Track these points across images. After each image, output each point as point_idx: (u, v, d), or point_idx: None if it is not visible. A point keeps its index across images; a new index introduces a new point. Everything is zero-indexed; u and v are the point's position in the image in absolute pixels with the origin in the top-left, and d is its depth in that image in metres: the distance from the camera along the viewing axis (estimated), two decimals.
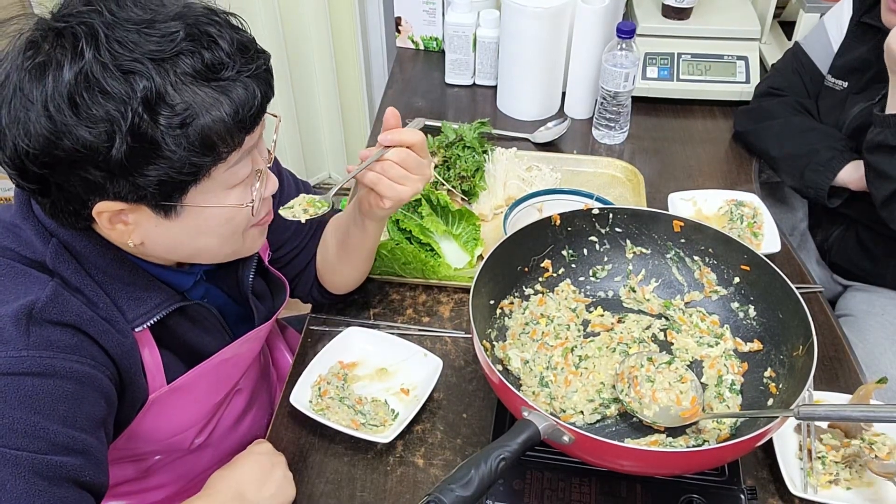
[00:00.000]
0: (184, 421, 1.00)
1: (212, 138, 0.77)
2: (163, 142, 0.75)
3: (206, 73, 0.76)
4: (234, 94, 0.77)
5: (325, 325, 1.24)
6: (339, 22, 2.26)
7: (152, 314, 0.89)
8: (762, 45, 1.79)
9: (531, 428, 0.85)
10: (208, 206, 0.83)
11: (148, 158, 0.75)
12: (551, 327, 1.12)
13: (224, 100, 0.77)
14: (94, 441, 0.80)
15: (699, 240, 1.13)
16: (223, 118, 0.77)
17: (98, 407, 0.82)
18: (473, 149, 1.50)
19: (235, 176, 0.84)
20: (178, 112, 0.74)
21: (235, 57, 0.78)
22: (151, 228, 0.83)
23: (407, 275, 1.29)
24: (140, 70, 0.73)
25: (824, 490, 1.00)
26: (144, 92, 0.73)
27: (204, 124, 0.76)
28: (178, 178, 0.78)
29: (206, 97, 0.76)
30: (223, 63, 0.77)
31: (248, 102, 0.79)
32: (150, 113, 0.74)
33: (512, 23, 1.60)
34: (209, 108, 0.76)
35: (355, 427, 1.06)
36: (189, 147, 0.76)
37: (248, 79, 0.79)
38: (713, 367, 1.08)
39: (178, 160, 0.76)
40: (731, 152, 1.64)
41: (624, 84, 1.55)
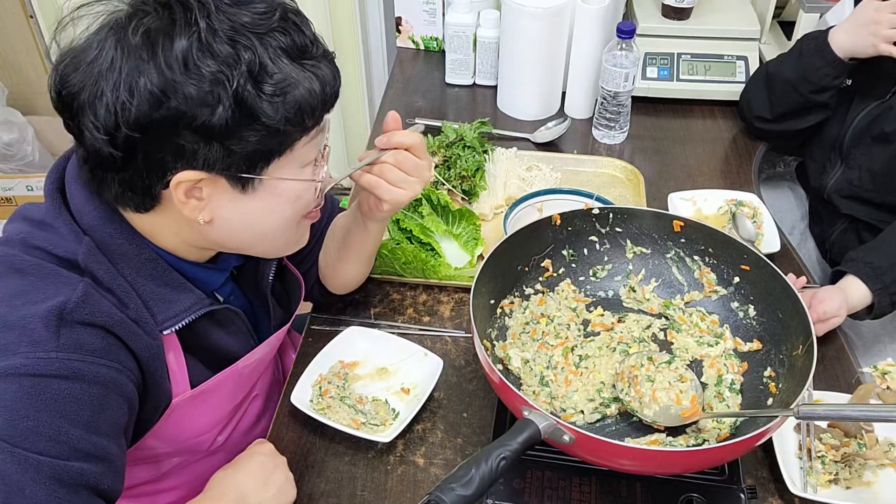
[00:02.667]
0: (204, 424, 1.00)
1: (304, 110, 0.81)
2: (261, 109, 0.78)
3: (296, 51, 0.81)
4: (321, 72, 0.83)
5: (325, 325, 1.24)
6: (340, 22, 2.26)
7: (182, 317, 0.89)
8: (762, 45, 1.79)
9: (531, 427, 0.85)
10: (285, 178, 0.86)
11: (246, 124, 0.79)
12: (551, 327, 1.13)
13: (312, 77, 0.82)
14: (114, 447, 0.80)
15: (699, 240, 1.13)
16: (315, 92, 0.82)
17: (121, 412, 0.82)
18: (474, 148, 1.51)
19: (308, 155, 0.87)
20: (277, 81, 0.79)
21: (316, 43, 0.84)
22: (224, 204, 0.84)
23: (407, 274, 1.30)
24: (244, 41, 0.77)
25: (824, 489, 1.01)
26: (249, 59, 0.77)
27: (298, 95, 0.80)
28: (268, 147, 0.82)
29: (298, 72, 0.80)
30: (307, 45, 0.82)
31: (332, 82, 0.84)
32: (254, 80, 0.78)
33: (512, 23, 1.61)
34: (301, 82, 0.81)
35: (356, 426, 1.06)
36: (284, 115, 0.80)
37: (327, 63, 0.85)
38: (713, 366, 1.08)
39: (272, 128, 0.80)
40: (731, 152, 1.65)
41: (624, 84, 1.55)
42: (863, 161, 1.42)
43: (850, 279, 1.22)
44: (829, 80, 1.43)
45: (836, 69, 1.42)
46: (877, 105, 1.40)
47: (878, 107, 1.40)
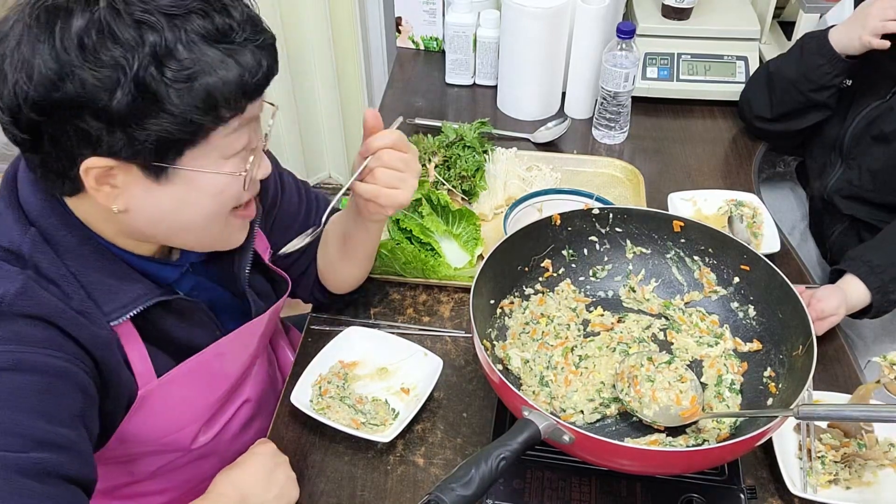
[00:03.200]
0: (178, 419, 0.99)
1: (215, 98, 0.77)
2: (166, 95, 0.75)
3: (216, 35, 0.77)
4: (242, 58, 0.78)
5: (325, 325, 1.24)
6: (340, 22, 2.27)
7: (130, 308, 0.87)
8: (762, 46, 1.79)
9: (531, 427, 0.85)
10: (202, 170, 0.82)
11: (149, 111, 0.75)
12: (551, 327, 1.13)
13: (231, 62, 0.78)
14: (74, 435, 0.79)
15: (699, 240, 1.13)
16: (229, 79, 0.78)
17: (75, 400, 0.81)
18: (474, 149, 1.51)
19: (232, 146, 0.83)
20: (185, 67, 0.75)
21: (245, 25, 0.79)
22: (139, 194, 0.82)
23: (407, 274, 1.30)
24: (152, 22, 0.74)
25: (824, 490, 1.01)
26: (154, 43, 0.74)
27: (209, 83, 0.76)
28: (177, 136, 0.78)
29: (214, 57, 0.77)
30: (232, 28, 0.78)
31: (254, 69, 0.80)
32: (157, 65, 0.74)
33: (512, 23, 1.61)
34: (216, 68, 0.77)
35: (356, 426, 1.06)
36: (191, 103, 0.76)
37: (256, 48, 0.80)
38: (713, 366, 1.08)
39: (179, 116, 0.76)
40: (730, 152, 1.65)
41: (624, 84, 1.55)
42: (863, 161, 1.42)
43: (848, 278, 1.22)
44: (830, 78, 1.43)
45: (836, 67, 1.42)
46: (877, 105, 1.40)
47: (879, 107, 1.40)
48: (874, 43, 1.33)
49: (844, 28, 1.40)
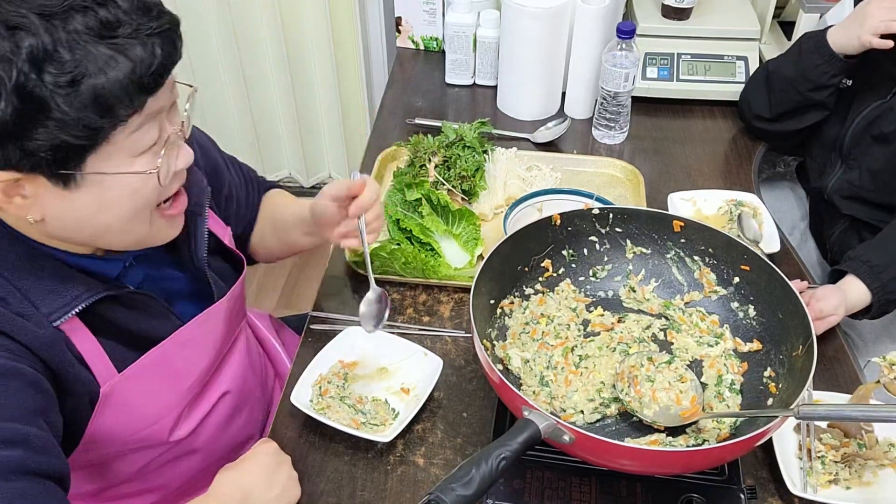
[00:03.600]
0: (150, 411, 0.98)
1: (107, 99, 0.73)
2: (52, 102, 0.71)
3: (100, 30, 0.73)
4: (132, 52, 0.74)
5: (325, 325, 1.24)
6: (340, 22, 2.27)
7: (70, 307, 0.86)
8: (762, 46, 1.79)
9: (532, 427, 0.85)
10: (110, 172, 0.79)
11: (37, 120, 0.72)
12: (551, 327, 1.13)
13: (120, 58, 0.73)
14: (32, 430, 0.78)
15: (699, 240, 1.13)
16: (119, 78, 0.73)
17: (27, 396, 0.80)
18: (473, 149, 1.51)
19: (139, 143, 0.80)
20: (68, 70, 0.71)
21: (134, 15, 0.75)
22: (51, 202, 0.80)
23: (407, 274, 1.30)
24: (26, 25, 0.70)
25: (824, 489, 1.01)
26: (30, 49, 0.70)
27: (97, 83, 0.72)
28: (74, 143, 0.74)
29: (100, 55, 0.72)
30: (119, 21, 0.74)
31: (147, 61, 0.75)
32: (37, 71, 0.70)
33: (512, 23, 1.61)
34: (103, 67, 0.72)
35: (356, 426, 1.06)
36: (81, 107, 0.72)
37: (149, 38, 0.75)
38: (713, 366, 1.08)
39: (70, 122, 0.73)
40: (730, 152, 1.65)
41: (624, 84, 1.55)
42: (863, 161, 1.42)
43: (849, 278, 1.22)
44: (828, 78, 1.43)
45: (834, 67, 1.42)
46: (877, 105, 1.40)
47: (879, 107, 1.40)
48: (874, 42, 1.33)
49: (843, 28, 1.40)
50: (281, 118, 2.48)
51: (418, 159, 1.48)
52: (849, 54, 1.40)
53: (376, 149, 1.59)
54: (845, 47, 1.39)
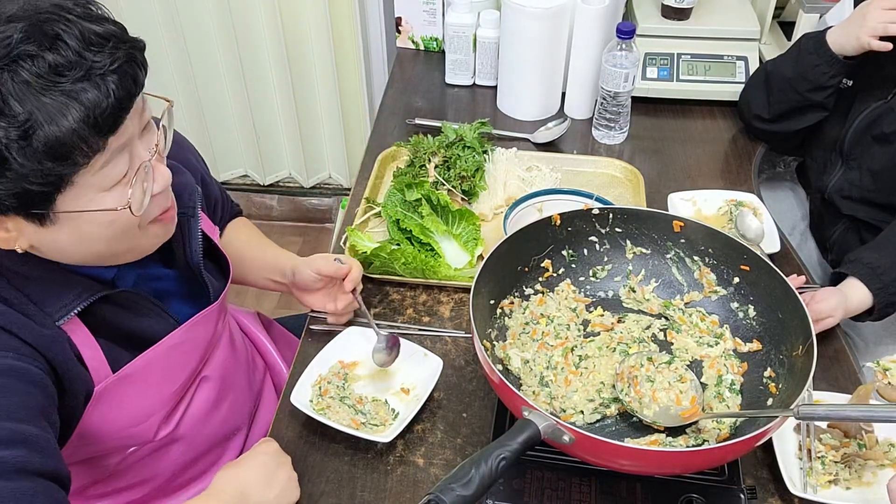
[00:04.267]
0: (140, 410, 0.98)
1: (63, 147, 0.73)
2: (7, 154, 0.71)
3: (49, 76, 0.71)
4: (84, 96, 0.73)
5: (325, 325, 1.24)
6: (340, 22, 2.26)
7: (71, 307, 0.87)
8: (762, 46, 1.79)
9: (531, 427, 0.85)
10: (82, 209, 0.79)
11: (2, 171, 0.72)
12: (551, 327, 1.12)
13: (72, 104, 0.72)
14: (34, 430, 0.78)
15: (699, 240, 1.13)
16: (72, 126, 0.72)
17: (31, 397, 0.80)
18: (473, 149, 1.51)
19: (107, 178, 0.79)
20: (19, 123, 0.70)
21: (86, 53, 0.73)
22: (34, 236, 0.81)
23: (407, 275, 1.30)
24: None
25: (824, 490, 1.01)
26: None
27: (50, 133, 0.71)
28: (37, 190, 0.74)
29: (51, 104, 0.71)
30: (70, 63, 0.72)
31: (101, 104, 0.73)
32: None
33: (512, 23, 1.61)
34: (55, 116, 0.71)
35: (355, 426, 1.06)
36: (38, 158, 0.72)
37: (103, 77, 0.74)
38: (713, 366, 1.08)
39: (28, 172, 0.72)
40: (730, 152, 1.65)
41: (624, 84, 1.55)
42: (863, 161, 1.42)
43: (850, 281, 1.22)
44: (826, 78, 1.43)
45: (833, 67, 1.42)
46: (878, 105, 1.40)
47: (879, 107, 1.40)
48: (873, 44, 1.33)
49: (842, 28, 1.40)
50: (281, 118, 2.48)
51: (418, 159, 1.48)
52: (848, 55, 1.40)
53: (376, 149, 1.59)
54: (844, 48, 1.39)
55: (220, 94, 2.41)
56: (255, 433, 1.21)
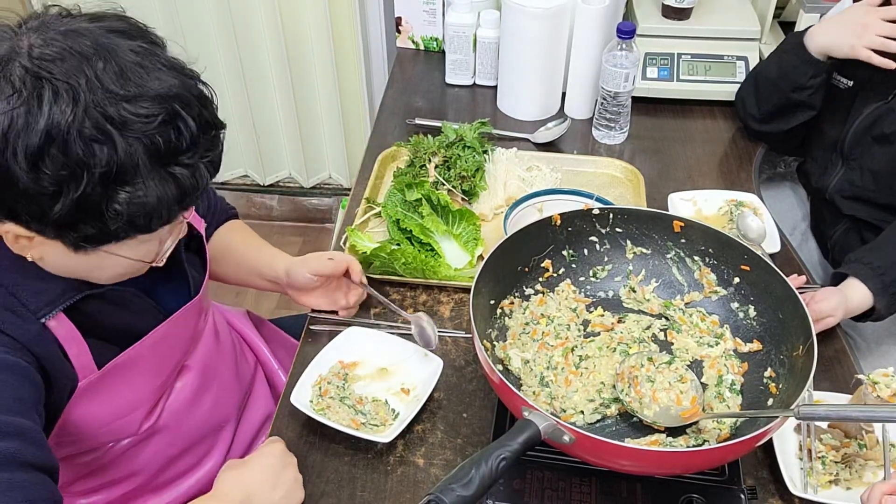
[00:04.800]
0: (124, 404, 0.99)
1: (150, 216, 0.80)
2: (106, 212, 0.77)
3: (166, 155, 0.78)
4: (185, 180, 0.81)
5: (325, 325, 1.24)
6: (340, 22, 2.26)
7: (55, 304, 0.88)
8: (762, 46, 1.79)
9: (532, 428, 0.85)
10: (117, 254, 0.85)
11: (86, 220, 0.78)
12: (552, 327, 1.12)
13: (173, 184, 0.80)
14: (27, 423, 0.80)
15: (699, 240, 1.13)
16: (168, 202, 0.80)
17: (24, 390, 0.82)
18: (474, 149, 1.51)
19: (153, 235, 0.86)
20: (130, 191, 0.77)
21: (198, 140, 0.81)
22: (54, 254, 0.84)
23: (407, 275, 1.29)
24: (107, 142, 0.75)
25: (824, 490, 1.01)
26: (107, 162, 0.75)
27: (149, 203, 0.79)
28: (106, 238, 0.81)
29: (160, 178, 0.79)
30: (184, 149, 0.80)
31: (194, 188, 0.82)
32: (104, 185, 0.76)
33: (512, 23, 1.61)
34: (158, 190, 0.79)
35: (356, 427, 1.06)
36: (128, 220, 0.79)
37: (202, 163, 0.82)
38: (713, 367, 1.08)
39: (113, 227, 0.79)
40: (731, 152, 1.65)
41: (624, 84, 1.55)
42: (864, 162, 1.42)
43: (850, 281, 1.22)
44: (806, 78, 1.43)
45: (812, 68, 1.42)
46: (878, 106, 1.40)
47: (880, 108, 1.39)
48: (874, 60, 1.32)
49: (832, 30, 1.39)
50: (281, 118, 2.48)
51: (418, 159, 1.48)
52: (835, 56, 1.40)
53: (376, 149, 1.59)
54: (833, 50, 1.39)
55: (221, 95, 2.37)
56: (244, 426, 1.21)
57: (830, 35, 1.39)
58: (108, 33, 0.79)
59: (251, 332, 1.33)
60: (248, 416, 1.22)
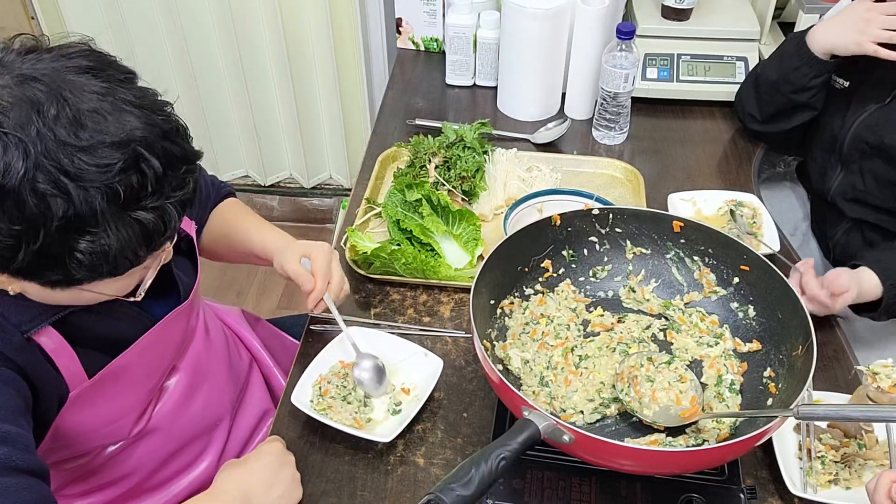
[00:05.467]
0: (115, 410, 0.99)
1: (117, 260, 0.79)
2: (69, 260, 0.76)
3: (130, 202, 0.77)
4: (150, 223, 0.79)
5: (325, 325, 1.24)
6: (340, 23, 2.27)
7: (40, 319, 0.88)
8: (762, 46, 1.79)
9: (531, 427, 0.85)
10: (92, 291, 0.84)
11: (49, 267, 0.77)
12: (551, 327, 1.13)
13: (137, 228, 0.78)
14: (12, 428, 0.80)
15: (699, 240, 1.13)
16: (133, 246, 0.79)
17: (8, 396, 0.82)
18: (474, 149, 1.51)
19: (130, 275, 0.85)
20: (91, 239, 0.76)
21: (164, 180, 0.79)
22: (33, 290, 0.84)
23: (407, 275, 1.30)
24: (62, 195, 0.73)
25: (824, 490, 1.01)
26: (63, 215, 0.73)
27: (113, 250, 0.77)
28: (73, 281, 0.80)
29: (123, 226, 0.77)
30: (149, 192, 0.78)
31: (161, 229, 0.80)
32: (63, 235, 0.75)
33: (512, 24, 1.61)
34: (121, 237, 0.77)
35: (356, 427, 1.06)
36: (92, 266, 0.78)
37: (170, 204, 0.80)
38: (713, 366, 1.08)
39: (77, 274, 0.78)
40: (730, 152, 1.65)
41: (624, 85, 1.55)
42: (864, 166, 1.41)
43: (863, 270, 1.23)
44: (808, 79, 1.43)
45: (815, 68, 1.42)
46: (877, 109, 1.39)
47: (878, 111, 1.39)
48: (880, 53, 1.31)
49: (835, 28, 1.39)
50: (281, 119, 2.48)
51: (419, 160, 1.48)
52: (838, 55, 1.40)
53: (377, 149, 1.60)
54: (836, 48, 1.39)
55: (221, 95, 2.41)
56: (240, 424, 1.21)
57: (834, 33, 1.39)
58: (70, 72, 0.76)
59: (246, 330, 1.32)
60: (244, 413, 1.22)
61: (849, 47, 1.36)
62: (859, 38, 1.34)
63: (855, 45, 1.35)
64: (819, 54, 1.41)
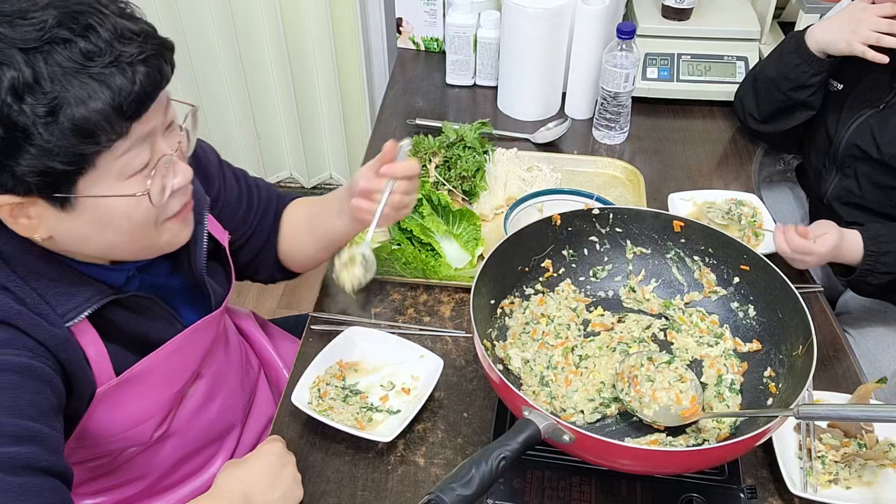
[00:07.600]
0: (139, 412, 0.99)
1: (89, 127, 0.76)
2: (34, 130, 0.74)
3: (81, 61, 0.75)
4: (112, 81, 0.76)
5: (325, 325, 1.24)
6: (340, 23, 2.27)
7: (82, 308, 0.88)
8: (762, 46, 1.79)
9: (532, 427, 0.85)
10: (101, 195, 0.82)
11: (20, 147, 0.75)
12: (552, 327, 1.13)
13: (101, 88, 0.76)
14: (43, 428, 0.80)
15: (699, 240, 1.13)
16: (99, 107, 0.76)
17: (43, 395, 0.82)
18: (474, 149, 1.51)
19: (128, 166, 0.82)
20: (47, 101, 0.74)
21: (115, 43, 0.77)
22: (54, 222, 0.83)
23: (408, 275, 1.30)
24: (7, 61, 0.73)
25: (824, 489, 1.01)
26: (12, 81, 0.73)
27: (76, 113, 0.75)
28: (60, 168, 0.77)
29: (80, 86, 0.75)
30: (100, 50, 0.76)
31: (127, 89, 0.77)
32: (18, 101, 0.73)
33: (512, 24, 1.61)
34: (83, 98, 0.75)
35: (357, 426, 1.06)
36: (62, 135, 0.75)
37: (131, 65, 0.77)
38: (713, 366, 1.08)
39: (53, 149, 0.75)
40: (731, 152, 1.65)
41: (624, 84, 1.55)
42: (859, 170, 1.41)
43: (850, 230, 1.26)
44: (807, 77, 1.43)
45: (813, 66, 1.42)
46: (871, 114, 1.39)
47: (873, 116, 1.38)
48: (868, 54, 1.31)
49: (829, 26, 1.39)
50: (282, 119, 2.48)
51: (419, 160, 1.48)
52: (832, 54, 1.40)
53: (377, 149, 1.59)
54: (830, 47, 1.39)
55: (221, 95, 2.41)
56: (250, 429, 1.22)
57: (828, 32, 1.39)
58: None
59: (256, 330, 1.33)
60: (253, 419, 1.23)
61: (840, 47, 1.36)
62: (850, 38, 1.34)
63: (845, 44, 1.35)
64: (815, 52, 1.41)
